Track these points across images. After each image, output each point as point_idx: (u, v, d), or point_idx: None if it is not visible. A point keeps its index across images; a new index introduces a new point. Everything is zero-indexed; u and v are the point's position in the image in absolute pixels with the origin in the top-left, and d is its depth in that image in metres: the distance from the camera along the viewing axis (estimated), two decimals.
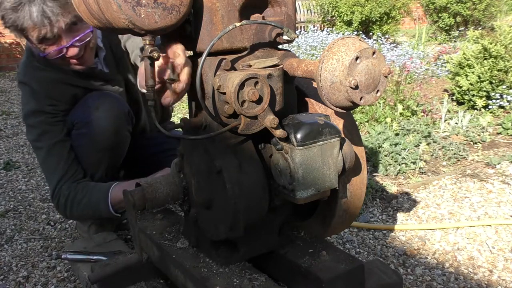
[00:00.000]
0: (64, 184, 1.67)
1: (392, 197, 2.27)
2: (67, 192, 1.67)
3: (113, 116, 1.66)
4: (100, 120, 1.64)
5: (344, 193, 1.12)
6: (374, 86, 0.91)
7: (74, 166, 1.69)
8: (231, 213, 1.01)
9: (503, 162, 2.63)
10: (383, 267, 1.24)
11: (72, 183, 1.68)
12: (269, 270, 1.17)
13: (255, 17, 1.01)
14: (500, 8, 7.81)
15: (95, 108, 1.65)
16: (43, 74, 1.66)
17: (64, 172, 1.67)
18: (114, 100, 1.71)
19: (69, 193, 1.67)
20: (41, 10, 1.42)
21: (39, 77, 1.67)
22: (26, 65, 1.70)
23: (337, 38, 0.91)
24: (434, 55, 5.60)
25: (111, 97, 1.72)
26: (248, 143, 1.05)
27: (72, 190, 1.67)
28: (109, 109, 1.66)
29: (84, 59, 1.62)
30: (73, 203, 1.67)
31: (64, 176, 1.68)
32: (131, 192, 1.11)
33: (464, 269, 1.71)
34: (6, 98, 5.29)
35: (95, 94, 1.72)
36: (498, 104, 3.54)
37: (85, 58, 1.62)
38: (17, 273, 1.82)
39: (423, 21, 9.52)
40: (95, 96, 1.71)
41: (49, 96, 1.67)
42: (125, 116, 1.72)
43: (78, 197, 1.67)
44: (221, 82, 0.93)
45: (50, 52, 1.54)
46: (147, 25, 0.87)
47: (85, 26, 1.54)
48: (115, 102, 1.71)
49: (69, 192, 1.67)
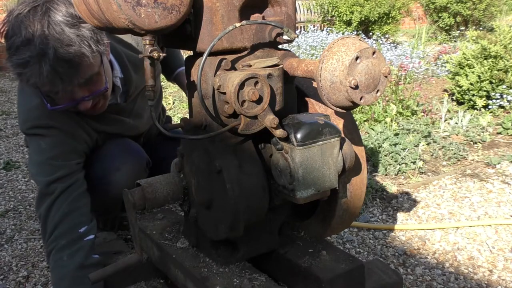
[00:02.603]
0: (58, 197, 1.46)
1: (392, 197, 2.27)
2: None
3: (134, 174, 1.59)
4: (121, 181, 1.57)
5: (344, 193, 1.12)
6: (374, 86, 0.91)
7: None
8: (231, 213, 1.01)
9: (503, 162, 2.63)
10: (383, 267, 1.24)
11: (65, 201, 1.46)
12: (269, 270, 1.17)
13: (255, 17, 1.01)
14: (500, 8, 7.81)
15: (115, 169, 1.60)
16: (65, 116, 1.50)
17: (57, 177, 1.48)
18: (135, 157, 1.67)
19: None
20: (53, 70, 1.25)
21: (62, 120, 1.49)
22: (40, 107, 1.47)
23: (337, 38, 0.91)
24: (434, 55, 5.60)
25: (132, 152, 1.67)
26: (248, 143, 1.05)
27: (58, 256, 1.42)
28: (131, 170, 1.62)
29: (98, 108, 1.49)
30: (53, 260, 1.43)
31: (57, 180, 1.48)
32: (131, 192, 1.11)
33: (464, 269, 1.71)
34: (6, 98, 5.29)
35: (115, 149, 1.63)
36: (498, 104, 3.54)
37: (99, 107, 1.49)
38: (17, 273, 1.82)
39: (423, 21, 9.52)
40: (115, 152, 1.63)
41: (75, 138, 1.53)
42: (145, 169, 1.69)
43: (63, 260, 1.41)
44: (221, 82, 0.93)
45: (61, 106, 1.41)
46: (147, 25, 0.87)
47: (101, 79, 1.41)
48: (136, 158, 1.66)
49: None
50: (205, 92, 1.00)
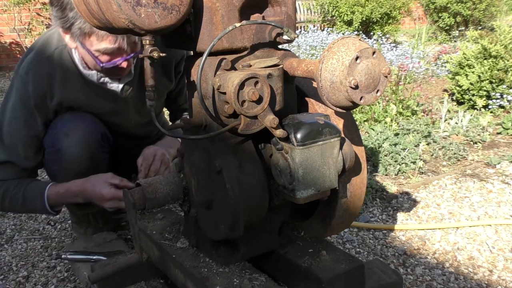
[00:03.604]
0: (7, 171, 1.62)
1: (392, 197, 2.27)
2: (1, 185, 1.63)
3: (85, 142, 1.58)
4: (70, 148, 1.57)
5: (344, 193, 1.12)
6: (374, 86, 0.91)
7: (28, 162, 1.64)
8: (231, 213, 1.01)
9: (503, 162, 2.63)
10: (383, 267, 1.24)
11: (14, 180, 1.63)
12: (269, 270, 1.17)
13: (255, 17, 1.01)
14: (500, 8, 7.81)
15: (64, 135, 1.57)
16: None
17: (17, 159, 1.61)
18: (87, 125, 1.62)
19: (2, 186, 1.63)
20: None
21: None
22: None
23: (337, 38, 0.91)
24: (434, 55, 5.60)
25: (84, 121, 1.63)
26: (248, 143, 1.05)
27: (5, 185, 1.62)
28: (80, 135, 1.58)
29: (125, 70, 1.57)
30: (4, 196, 1.63)
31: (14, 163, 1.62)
32: (131, 192, 1.11)
33: (464, 269, 1.71)
34: None
35: (67, 116, 1.62)
36: (498, 103, 3.53)
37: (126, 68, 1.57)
38: (17, 273, 1.82)
39: (423, 21, 9.53)
40: (65, 120, 1.61)
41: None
42: (98, 141, 1.64)
43: (11, 191, 1.62)
44: (221, 82, 0.93)
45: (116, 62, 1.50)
46: (147, 25, 0.87)
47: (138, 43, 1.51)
48: (87, 126, 1.62)
49: (3, 186, 1.63)
50: (205, 92, 1.00)
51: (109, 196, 1.54)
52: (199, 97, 0.94)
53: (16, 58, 7.22)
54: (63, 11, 1.44)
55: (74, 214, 1.91)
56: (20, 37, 7.05)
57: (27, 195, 1.63)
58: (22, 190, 1.63)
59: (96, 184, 1.57)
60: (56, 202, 1.64)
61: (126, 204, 1.13)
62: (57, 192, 1.61)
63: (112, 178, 1.58)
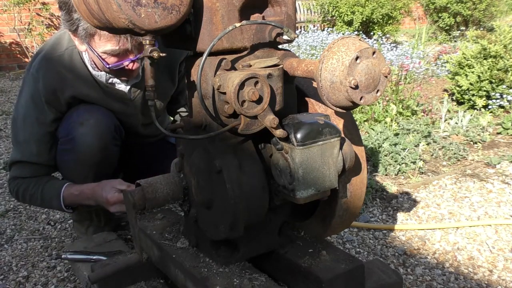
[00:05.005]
0: (24, 169, 1.69)
1: (392, 197, 2.27)
2: (21, 183, 1.70)
3: (99, 132, 1.61)
4: (85, 136, 1.59)
5: (344, 193, 1.12)
6: (374, 86, 0.91)
7: (45, 161, 1.70)
8: (231, 213, 1.01)
9: (503, 162, 2.63)
10: (383, 267, 1.24)
11: (32, 178, 1.70)
12: (269, 270, 1.17)
13: (255, 17, 1.01)
14: (500, 8, 7.81)
15: (79, 124, 1.60)
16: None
17: (32, 156, 1.67)
18: (100, 115, 1.65)
19: (22, 184, 1.70)
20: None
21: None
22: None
23: (337, 38, 0.91)
24: (434, 55, 5.60)
25: (98, 111, 1.66)
26: (248, 143, 1.05)
27: (25, 183, 1.70)
28: (94, 125, 1.61)
29: (133, 70, 1.59)
30: (25, 193, 1.70)
31: (30, 161, 1.68)
32: (131, 192, 1.11)
33: (464, 269, 1.71)
34: (6, 98, 5.29)
35: (82, 107, 1.66)
36: (498, 103, 3.53)
37: (134, 68, 1.59)
38: (17, 273, 1.82)
39: (423, 21, 9.53)
40: (81, 111, 1.64)
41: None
42: (111, 132, 1.66)
43: (30, 190, 1.69)
44: (221, 82, 0.93)
45: (122, 63, 1.52)
46: (147, 25, 0.87)
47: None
48: (102, 117, 1.65)
49: (23, 184, 1.70)
50: (205, 92, 1.00)
51: (113, 200, 1.58)
52: (199, 97, 0.94)
53: (16, 58, 7.22)
54: (70, 13, 1.46)
55: (77, 212, 1.92)
56: (20, 37, 7.04)
57: (45, 195, 1.69)
58: (40, 190, 1.69)
59: (104, 188, 1.61)
60: (71, 203, 1.70)
61: (126, 204, 1.13)
62: (72, 193, 1.67)
63: (120, 184, 1.62)
